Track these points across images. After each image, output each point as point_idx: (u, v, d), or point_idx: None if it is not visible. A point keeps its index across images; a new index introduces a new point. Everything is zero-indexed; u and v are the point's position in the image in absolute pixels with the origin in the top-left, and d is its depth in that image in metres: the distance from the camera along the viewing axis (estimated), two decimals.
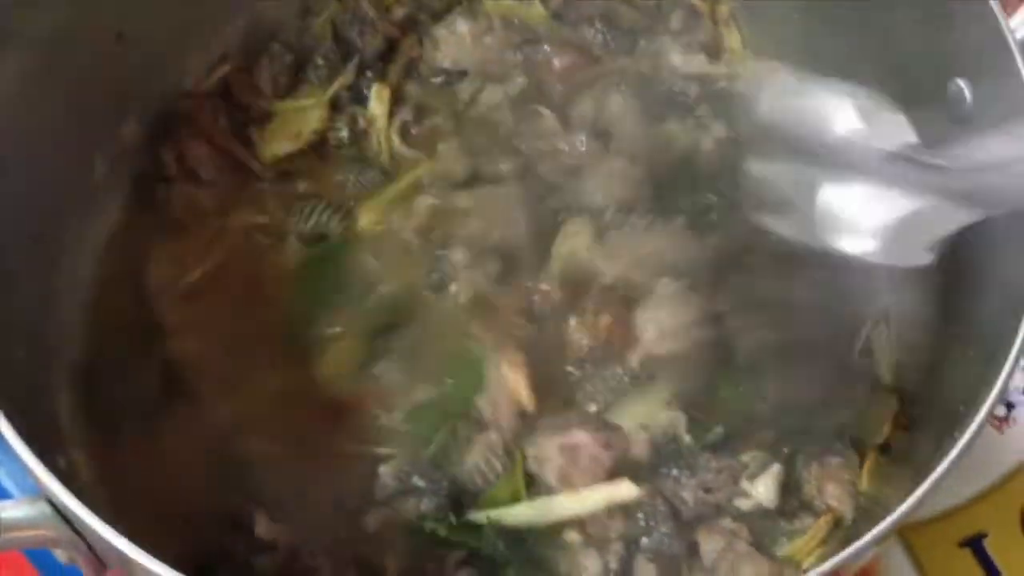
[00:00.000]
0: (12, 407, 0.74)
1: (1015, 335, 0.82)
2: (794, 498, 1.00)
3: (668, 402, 1.01)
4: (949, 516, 1.18)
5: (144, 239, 1.08)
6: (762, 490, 0.98)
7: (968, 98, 0.94)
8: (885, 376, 1.07)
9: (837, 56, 1.08)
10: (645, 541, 0.96)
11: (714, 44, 1.20)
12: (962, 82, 0.94)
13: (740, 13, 1.21)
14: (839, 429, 1.02)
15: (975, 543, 1.18)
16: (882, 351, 1.07)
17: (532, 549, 0.96)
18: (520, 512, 0.96)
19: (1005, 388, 0.81)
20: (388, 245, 1.09)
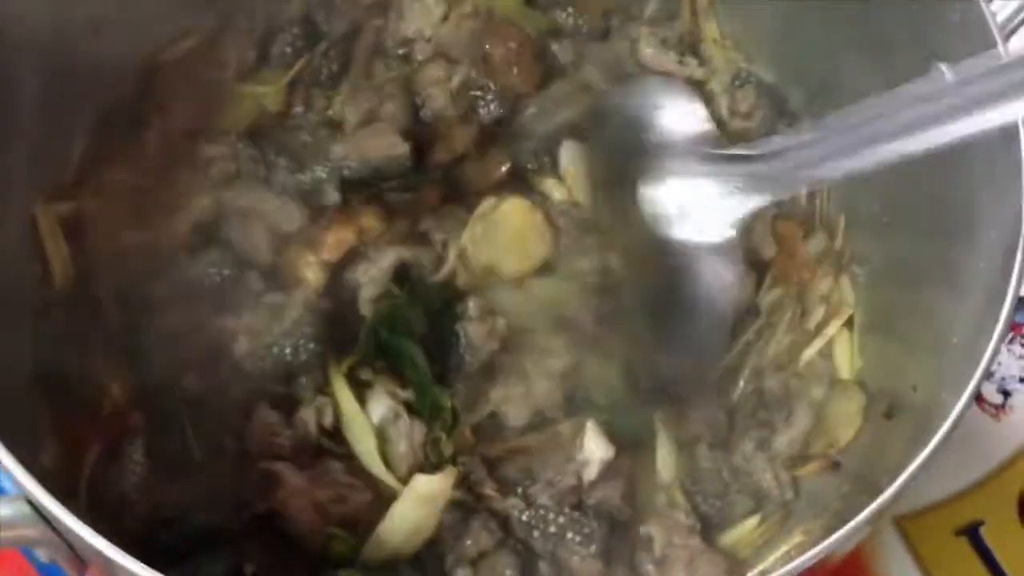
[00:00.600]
0: None
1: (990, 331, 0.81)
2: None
3: None
4: (945, 505, 1.18)
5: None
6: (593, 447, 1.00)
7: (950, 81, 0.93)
8: (843, 372, 1.09)
9: (818, 43, 1.10)
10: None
11: (691, 34, 1.20)
12: (944, 66, 0.93)
13: (719, 2, 1.21)
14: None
15: (972, 531, 1.18)
16: (842, 351, 1.09)
17: None
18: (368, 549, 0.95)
19: (979, 387, 0.81)
20: None
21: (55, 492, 0.72)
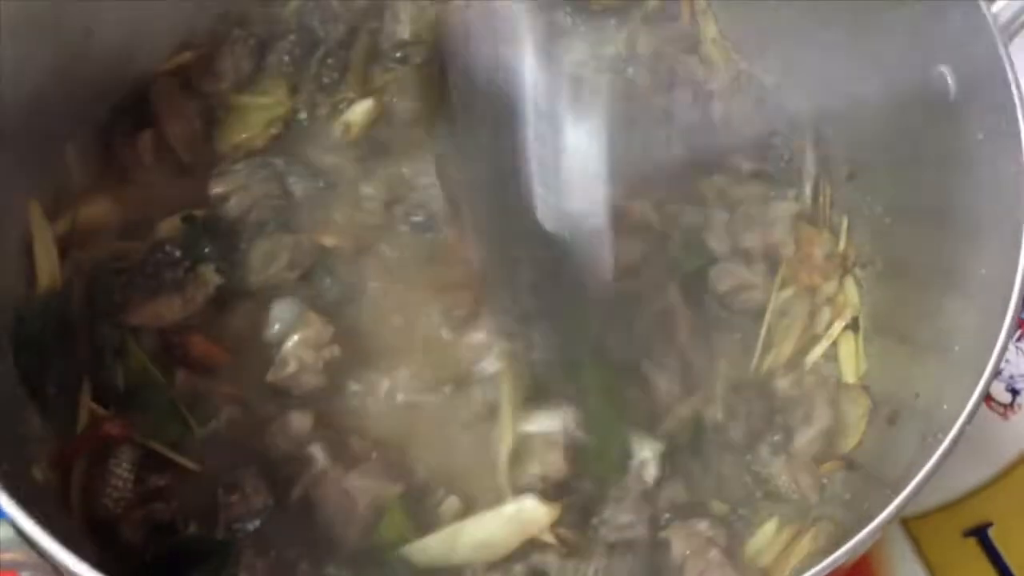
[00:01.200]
0: None
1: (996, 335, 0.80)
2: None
3: None
4: (953, 506, 1.17)
5: None
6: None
7: (952, 85, 0.93)
8: (848, 375, 1.08)
9: (818, 45, 1.08)
10: None
11: (691, 34, 1.19)
12: (945, 69, 0.93)
13: (718, 3, 1.20)
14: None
15: (980, 532, 1.16)
16: (847, 354, 1.08)
17: None
18: (429, 544, 0.95)
19: (985, 391, 0.80)
20: None
21: (46, 510, 0.72)
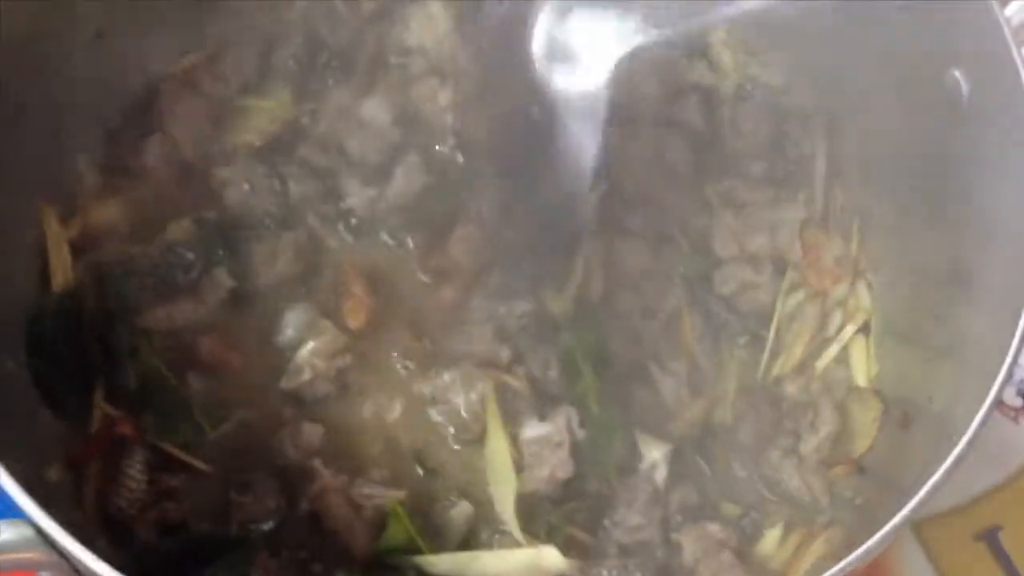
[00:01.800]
0: None
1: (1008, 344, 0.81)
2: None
3: None
4: (964, 509, 1.17)
5: None
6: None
7: (965, 87, 0.93)
8: (859, 378, 1.08)
9: (830, 46, 1.09)
10: None
11: (700, 37, 1.20)
12: (958, 72, 0.93)
13: None
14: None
15: (991, 536, 1.16)
16: (859, 358, 1.09)
17: None
18: (442, 562, 0.96)
19: (999, 396, 0.80)
20: None
21: (61, 510, 0.72)
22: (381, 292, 1.08)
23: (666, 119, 1.16)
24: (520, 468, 0.99)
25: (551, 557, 0.94)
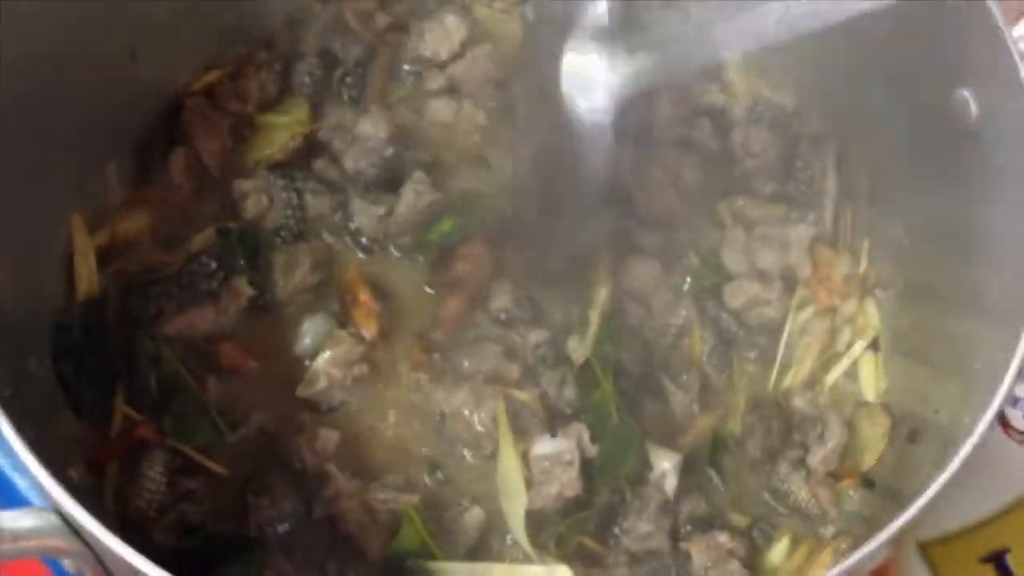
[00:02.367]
0: (23, 419, 0.75)
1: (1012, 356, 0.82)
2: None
3: None
4: (971, 531, 1.17)
5: None
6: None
7: (974, 108, 0.94)
8: (868, 394, 1.09)
9: (841, 69, 1.10)
10: None
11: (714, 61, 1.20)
12: (967, 92, 0.94)
13: None
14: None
15: (998, 559, 1.16)
16: (868, 373, 1.10)
17: None
18: (455, 570, 0.97)
19: (1000, 409, 0.81)
20: None
21: (83, 504, 0.73)
22: (389, 303, 1.09)
23: (680, 140, 1.17)
24: (530, 485, 1.00)
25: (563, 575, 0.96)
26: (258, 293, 1.07)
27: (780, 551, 1.01)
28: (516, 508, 0.99)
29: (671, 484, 1.00)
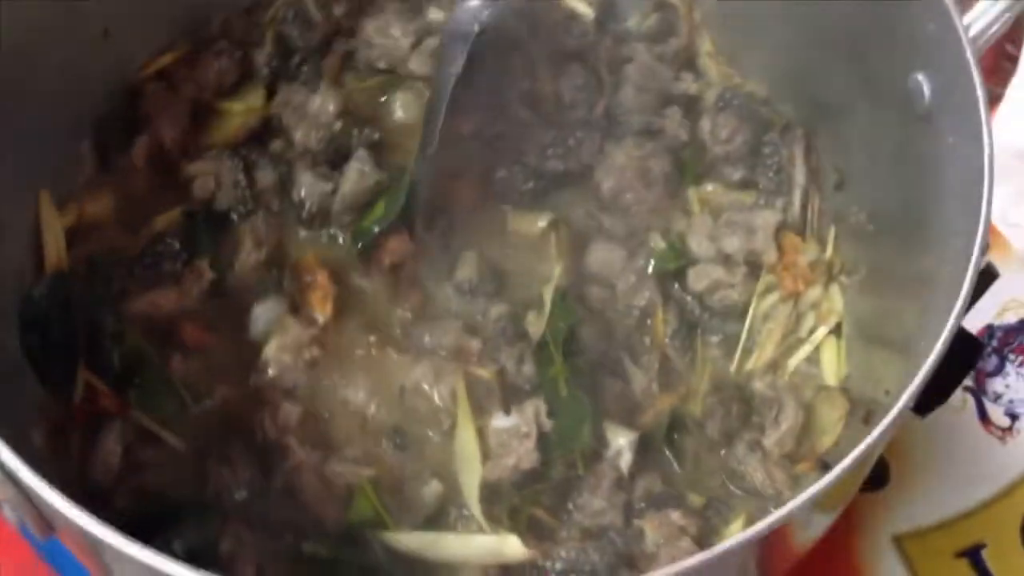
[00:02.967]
0: None
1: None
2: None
3: None
4: (947, 526, 1.18)
5: None
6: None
7: (927, 92, 0.95)
8: (829, 379, 1.10)
9: (809, 58, 1.12)
10: None
11: (687, 49, 1.23)
12: (921, 76, 0.95)
13: (711, 19, 1.24)
14: None
15: (973, 554, 1.17)
16: (830, 358, 1.10)
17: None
18: (407, 539, 0.98)
19: (921, 388, 0.81)
20: None
21: (39, 465, 0.75)
22: (344, 283, 1.11)
23: (650, 128, 1.18)
24: (486, 457, 1.01)
25: (512, 545, 0.96)
26: (216, 274, 1.09)
27: (734, 531, 1.01)
28: (471, 479, 1.00)
29: (626, 461, 1.01)
